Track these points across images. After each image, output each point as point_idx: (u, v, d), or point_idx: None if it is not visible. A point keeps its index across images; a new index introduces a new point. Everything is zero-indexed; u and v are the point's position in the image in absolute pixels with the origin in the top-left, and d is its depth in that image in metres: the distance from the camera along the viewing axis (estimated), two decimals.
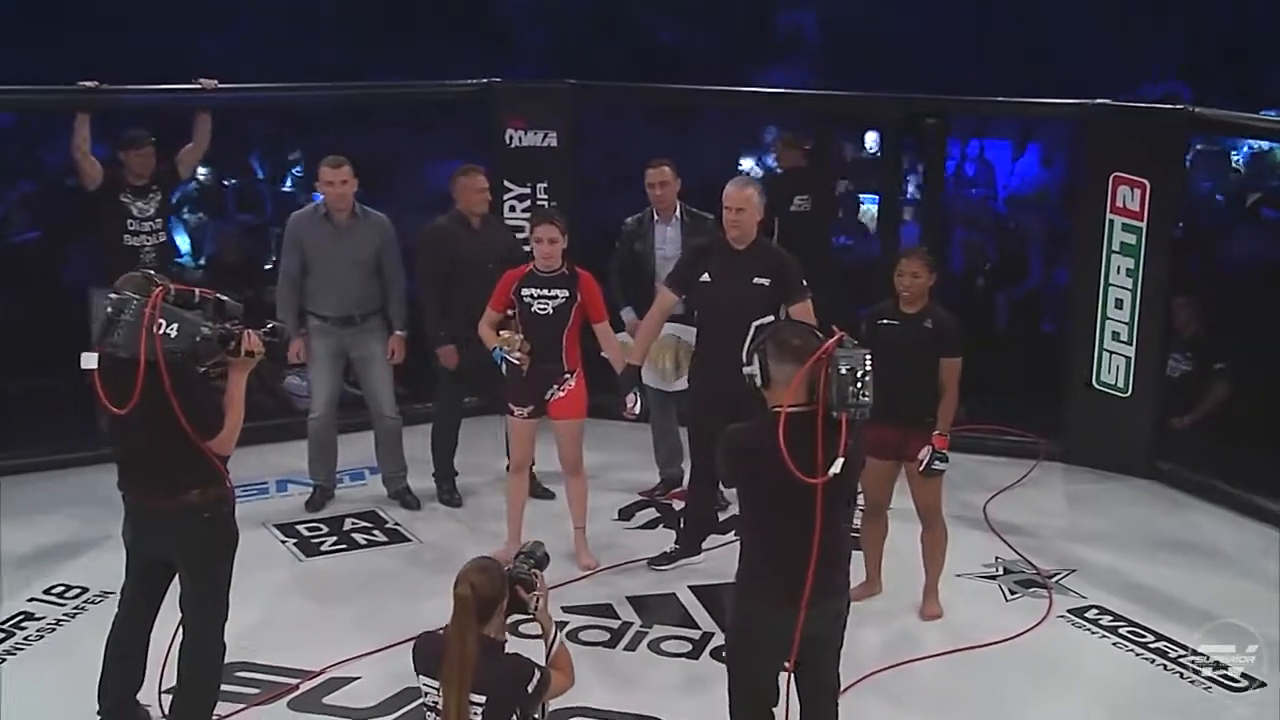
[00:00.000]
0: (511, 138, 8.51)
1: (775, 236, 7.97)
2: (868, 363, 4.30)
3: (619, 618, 6.39)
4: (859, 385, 4.27)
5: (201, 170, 10.66)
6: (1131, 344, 7.84)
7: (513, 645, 4.44)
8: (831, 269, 8.92)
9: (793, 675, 4.65)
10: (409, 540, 7.20)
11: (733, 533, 7.08)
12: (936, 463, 6.18)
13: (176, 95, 7.97)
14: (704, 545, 6.91)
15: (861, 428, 4.45)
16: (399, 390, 7.71)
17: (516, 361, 6.52)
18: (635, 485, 7.78)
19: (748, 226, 6.42)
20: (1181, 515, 7.64)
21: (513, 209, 8.49)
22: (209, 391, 5.04)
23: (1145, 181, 7.68)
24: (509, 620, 4.51)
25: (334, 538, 7.18)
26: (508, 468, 7.62)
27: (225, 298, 5.07)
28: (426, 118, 11.33)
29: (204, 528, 5.05)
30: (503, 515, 7.39)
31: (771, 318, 6.40)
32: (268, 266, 9.75)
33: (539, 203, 8.41)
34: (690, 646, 6.15)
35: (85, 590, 6.52)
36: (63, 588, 6.56)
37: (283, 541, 7.14)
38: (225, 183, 12.28)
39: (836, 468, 4.34)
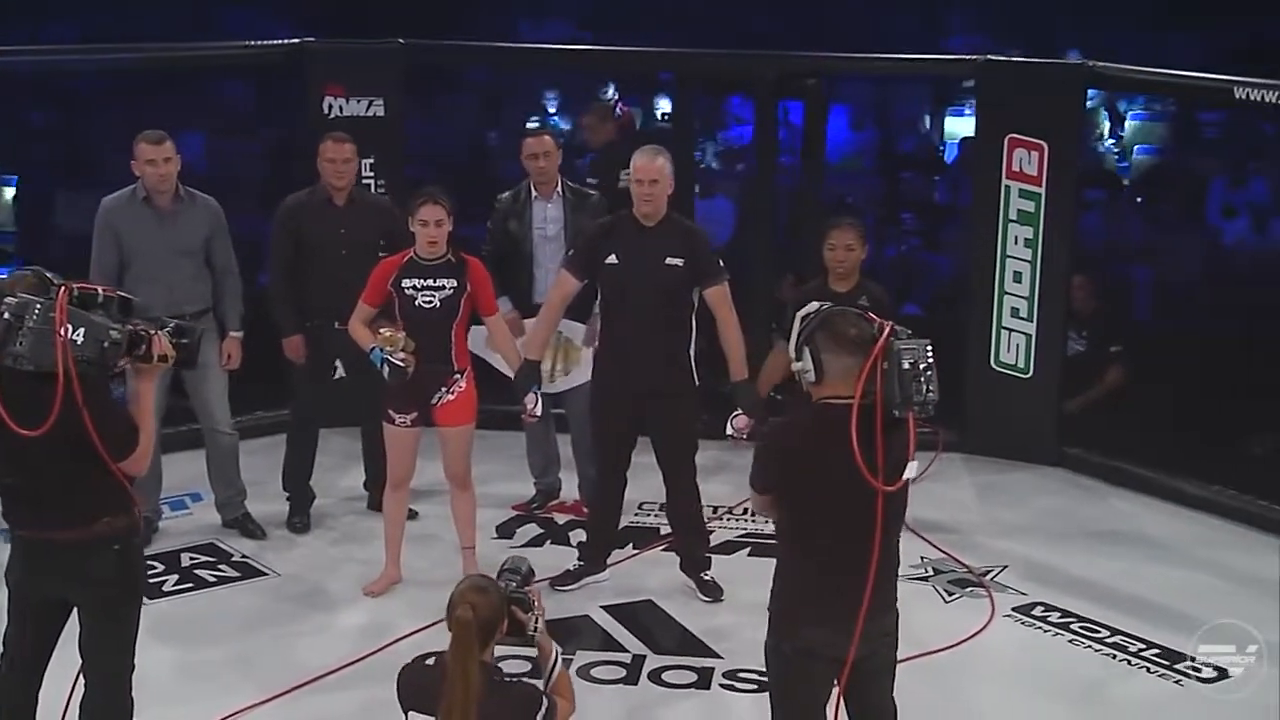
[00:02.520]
0: (331, 106, 8.59)
1: None
2: (929, 354, 4.60)
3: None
4: (924, 380, 4.55)
5: None
6: (1032, 321, 8.42)
7: None
8: None
9: (845, 704, 4.81)
10: (265, 574, 7.25)
11: (631, 545, 7.46)
12: None
13: None
14: (609, 560, 7.19)
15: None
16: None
17: (401, 363, 6.61)
18: (508, 499, 7.98)
19: (661, 201, 6.68)
20: (1100, 503, 8.28)
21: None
22: (119, 405, 5.06)
23: (1043, 144, 8.25)
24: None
25: (175, 576, 7.16)
26: (365, 484, 7.82)
27: (130, 295, 5.11)
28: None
29: (113, 561, 5.04)
30: (363, 539, 7.59)
31: (694, 304, 6.75)
32: None
33: (364, 181, 8.51)
34: (624, 672, 6.38)
35: None
36: None
37: None
38: None
39: (911, 472, 4.63)
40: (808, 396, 4.77)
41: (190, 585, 7.13)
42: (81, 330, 4.77)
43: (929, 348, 4.62)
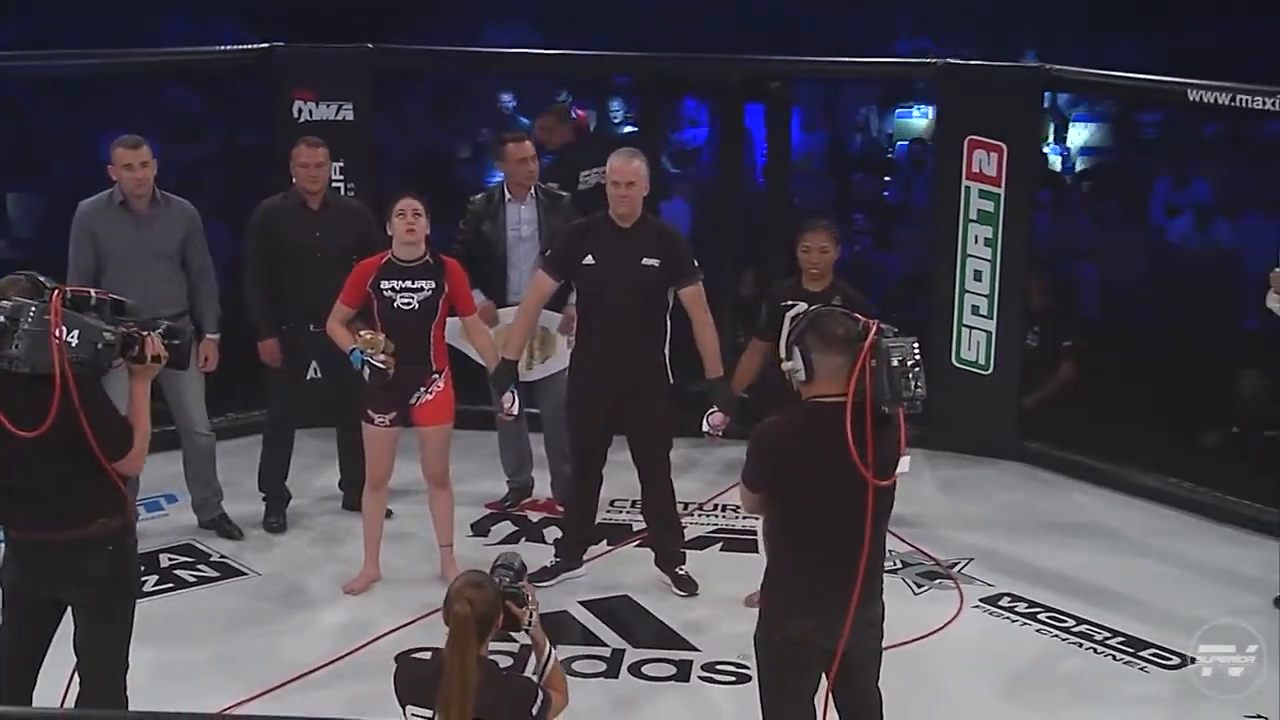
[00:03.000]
0: (300, 111, 8.61)
1: None
2: (917, 351, 4.69)
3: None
4: (912, 377, 4.65)
5: None
6: (992, 318, 8.55)
7: None
8: None
9: (832, 694, 4.89)
10: (244, 574, 7.27)
11: (605, 541, 7.52)
12: None
13: None
14: (584, 556, 7.25)
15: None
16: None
17: (381, 365, 6.65)
18: (481, 497, 8.01)
19: (637, 202, 6.76)
20: (1060, 496, 8.42)
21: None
22: (113, 406, 5.09)
23: (1002, 145, 8.38)
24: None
25: (155, 577, 7.13)
26: (341, 483, 7.84)
27: (122, 298, 5.14)
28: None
29: (108, 561, 5.08)
30: (340, 538, 7.63)
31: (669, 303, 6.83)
32: None
33: (333, 185, 8.53)
34: (604, 665, 6.46)
35: None
36: None
37: None
38: None
39: (904, 467, 4.73)
40: (798, 395, 4.85)
41: (170, 585, 7.14)
42: (76, 332, 4.80)
43: (916, 345, 4.72)
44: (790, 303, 6.71)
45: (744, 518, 7.91)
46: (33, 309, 4.75)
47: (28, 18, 15.21)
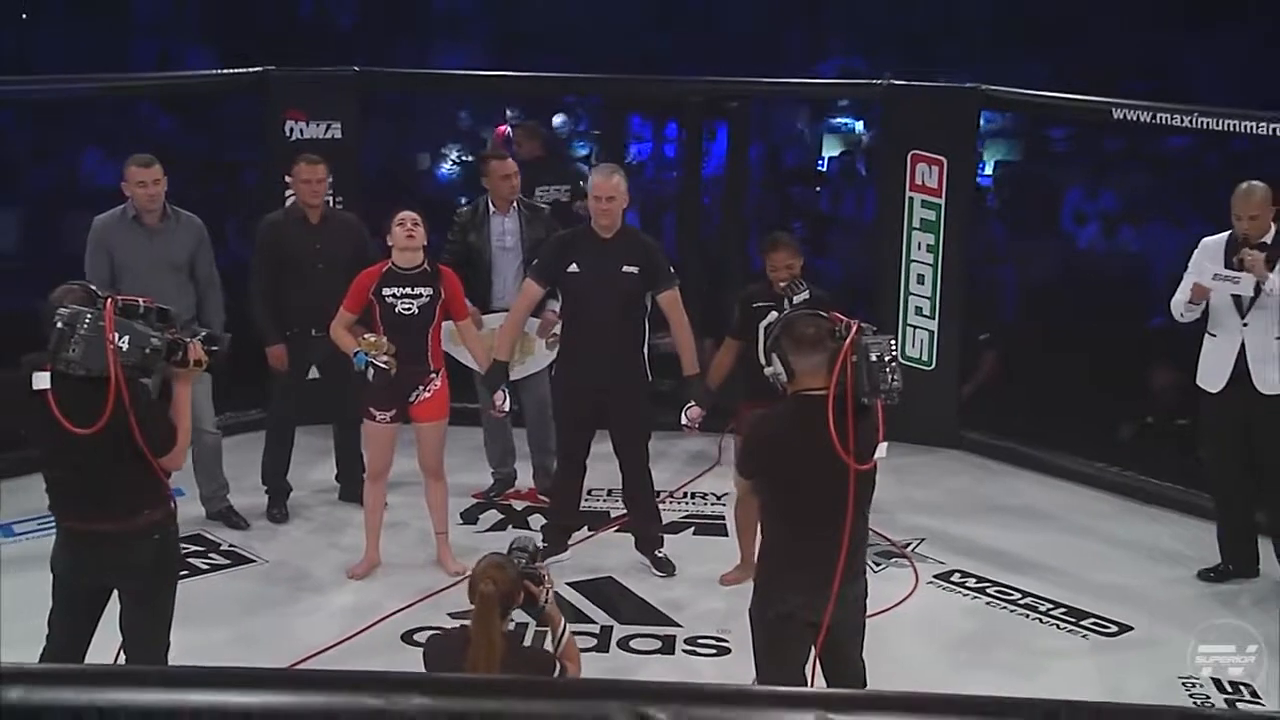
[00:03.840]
0: (292, 130, 8.67)
1: None
2: (894, 348, 4.85)
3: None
4: (890, 371, 4.81)
5: None
6: (934, 318, 8.73)
7: None
8: None
9: (820, 666, 5.06)
10: (253, 561, 7.35)
11: (585, 528, 7.63)
12: None
13: None
14: (569, 542, 7.36)
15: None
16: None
17: (384, 365, 6.75)
18: (468, 488, 8.08)
19: (617, 215, 6.90)
20: (998, 481, 8.62)
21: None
22: (158, 406, 5.17)
23: (942, 159, 8.58)
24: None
25: None
26: (337, 476, 7.92)
27: (166, 306, 5.23)
28: None
29: (154, 550, 5.19)
30: (339, 527, 7.70)
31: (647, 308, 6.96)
32: None
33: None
34: (595, 641, 6.57)
35: None
36: None
37: None
38: None
39: (882, 452, 4.89)
40: (784, 391, 5.01)
41: (185, 572, 7.12)
42: (127, 338, 4.90)
43: (893, 343, 4.90)
44: (760, 304, 6.85)
45: (712, 504, 8.08)
46: (88, 316, 4.84)
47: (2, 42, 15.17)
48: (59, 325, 4.86)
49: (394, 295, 6.83)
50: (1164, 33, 15.16)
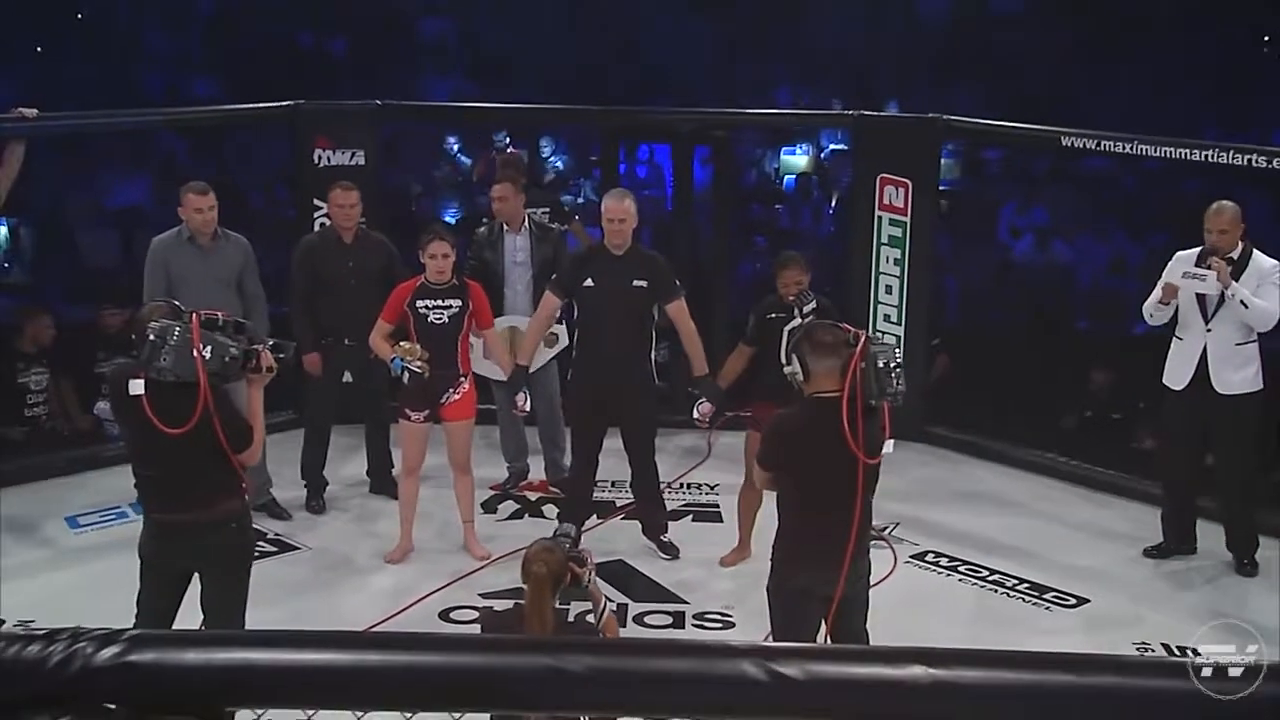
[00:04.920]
0: (320, 157, 8.80)
1: None
2: (899, 355, 5.05)
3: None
4: (895, 376, 5.00)
5: None
6: (901, 324, 8.94)
7: None
8: None
9: (830, 635, 5.23)
10: (298, 548, 7.47)
11: (595, 515, 7.79)
12: None
13: None
14: (583, 528, 7.50)
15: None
16: None
17: (418, 370, 6.89)
18: (484, 481, 8.18)
19: (627, 234, 7.06)
20: (963, 471, 8.83)
21: (324, 225, 8.74)
22: (236, 408, 5.31)
23: (908, 181, 8.79)
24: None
25: None
26: (368, 471, 8.04)
27: (242, 320, 5.37)
28: None
29: (232, 537, 5.34)
30: (372, 517, 7.84)
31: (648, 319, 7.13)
32: None
33: None
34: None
35: (2, 621, 6.48)
36: None
37: None
38: None
39: (889, 448, 5.08)
40: (800, 392, 5.19)
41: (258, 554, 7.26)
42: (209, 348, 5.05)
43: (898, 350, 5.08)
44: (774, 315, 6.97)
45: (707, 493, 8.26)
46: (177, 329, 4.99)
47: (20, 72, 15.15)
48: (151, 338, 5.00)
49: (426, 307, 6.99)
50: (1073, 64, 15.47)
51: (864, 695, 1.99)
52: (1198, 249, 7.09)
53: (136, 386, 5.07)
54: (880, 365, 5.01)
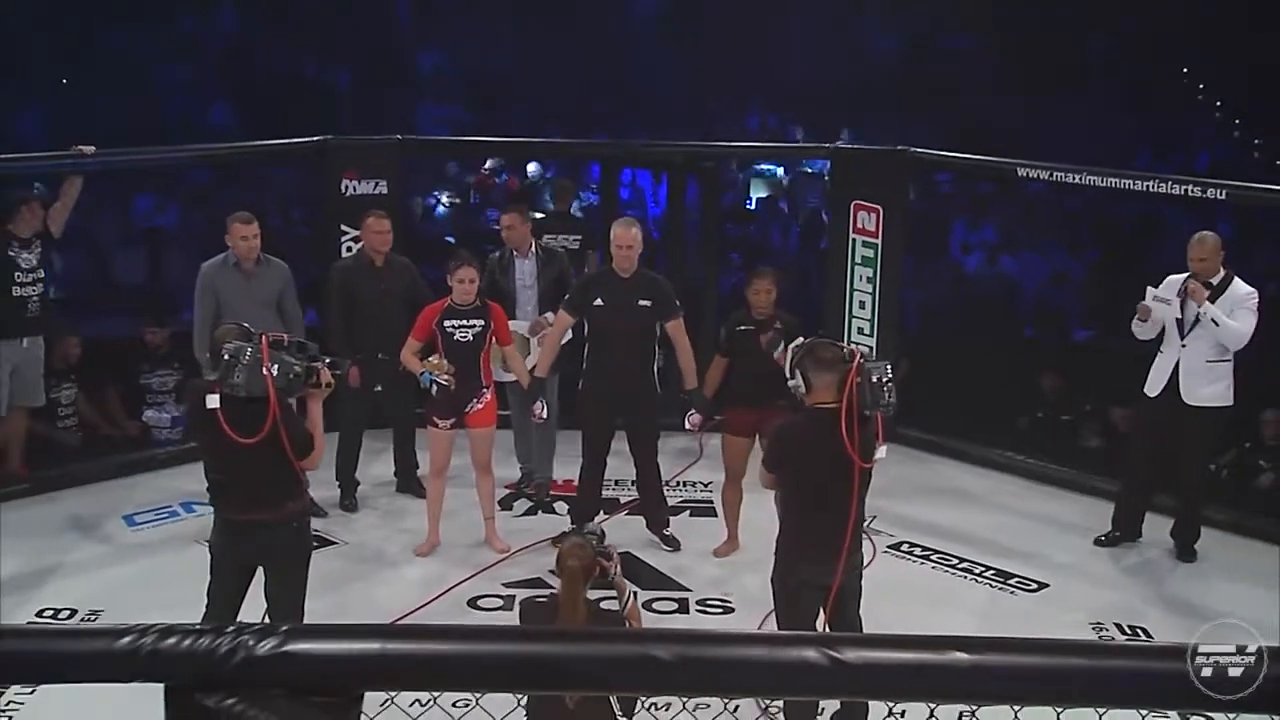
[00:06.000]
0: (347, 187, 8.94)
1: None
2: (889, 371, 5.24)
3: (552, 586, 7.07)
4: (886, 390, 5.20)
5: None
6: (873, 335, 9.13)
7: None
8: None
9: (827, 622, 5.40)
10: (335, 543, 7.60)
11: (602, 513, 7.95)
12: None
13: (58, 163, 8.00)
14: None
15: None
16: None
17: (445, 383, 7.07)
18: (499, 481, 8.28)
19: (634, 259, 7.24)
20: (931, 468, 9.02)
21: (350, 249, 8.90)
22: (301, 420, 5.48)
23: (879, 207, 8.99)
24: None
25: None
26: (395, 473, 8.17)
27: (304, 340, 5.54)
28: None
29: (294, 536, 5.52)
30: (400, 515, 7.99)
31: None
32: None
33: None
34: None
35: (75, 611, 6.64)
36: (51, 611, 6.63)
37: None
38: None
39: (882, 453, 5.28)
40: (801, 403, 5.39)
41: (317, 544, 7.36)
42: (276, 366, 5.21)
43: (889, 367, 5.27)
44: (742, 328, 7.17)
45: (700, 491, 8.44)
46: (249, 349, 5.16)
47: (51, 104, 15.24)
48: (226, 357, 5.18)
49: (453, 326, 7.15)
50: (1020, 96, 15.74)
51: (910, 677, 2.17)
52: (1185, 274, 7.25)
53: (213, 401, 5.24)
54: (874, 380, 5.20)
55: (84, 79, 15.65)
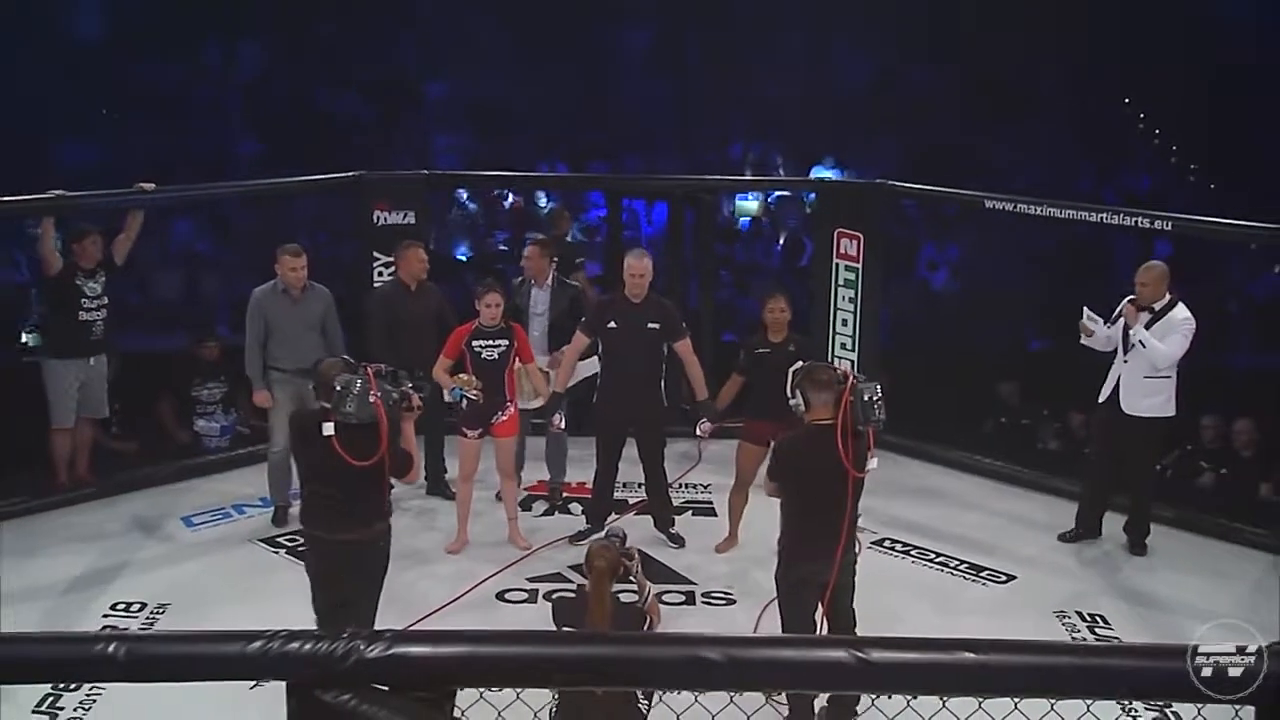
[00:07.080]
0: (379, 218, 9.11)
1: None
2: (879, 390, 5.44)
3: (571, 581, 7.27)
4: (877, 407, 5.40)
5: None
6: (855, 350, 9.33)
7: None
8: None
9: (824, 615, 5.59)
10: None
11: (613, 513, 8.10)
12: None
13: (122, 199, 8.15)
14: (605, 522, 7.84)
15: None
16: None
17: (474, 397, 7.24)
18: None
19: (645, 286, 7.43)
20: (907, 470, 9.18)
21: (380, 275, 9.06)
22: (399, 441, 5.63)
23: (859, 234, 9.19)
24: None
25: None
26: (425, 477, 8.32)
27: (396, 369, 5.71)
28: None
29: (379, 553, 5.69)
30: (430, 515, 8.13)
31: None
32: None
33: None
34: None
35: (145, 604, 6.79)
36: (124, 605, 6.78)
37: (274, 552, 7.57)
38: None
39: (874, 464, 5.47)
40: (801, 420, 5.58)
41: None
42: (380, 394, 5.37)
43: (879, 387, 5.47)
44: (760, 350, 7.35)
45: (700, 493, 8.61)
46: (358, 381, 5.32)
47: (94, 142, 15.30)
48: (338, 389, 5.34)
49: (480, 345, 7.33)
50: (981, 121, 15.95)
51: (925, 674, 2.36)
52: (1128, 297, 7.45)
53: (329, 429, 5.39)
54: (866, 398, 5.40)
55: (123, 114, 15.71)
